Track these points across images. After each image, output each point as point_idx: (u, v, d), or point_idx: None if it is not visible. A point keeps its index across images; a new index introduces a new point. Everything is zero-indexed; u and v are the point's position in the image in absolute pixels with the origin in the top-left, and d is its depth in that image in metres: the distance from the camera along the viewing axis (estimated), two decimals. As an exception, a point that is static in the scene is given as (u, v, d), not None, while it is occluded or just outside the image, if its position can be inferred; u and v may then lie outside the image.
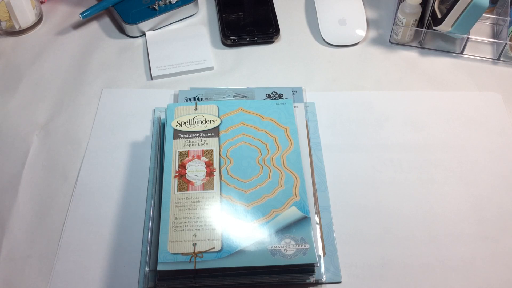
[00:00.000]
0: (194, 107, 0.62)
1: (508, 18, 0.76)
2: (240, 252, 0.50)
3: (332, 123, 0.67)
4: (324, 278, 0.54)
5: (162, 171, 0.56)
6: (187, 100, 0.68)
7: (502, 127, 0.67)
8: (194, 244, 0.50)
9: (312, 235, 0.52)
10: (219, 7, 0.80)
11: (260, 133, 0.60)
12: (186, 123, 0.60)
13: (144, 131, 0.66)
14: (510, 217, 0.59)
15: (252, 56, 0.76)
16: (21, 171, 0.62)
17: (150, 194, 0.60)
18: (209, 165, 0.57)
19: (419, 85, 0.72)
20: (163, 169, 0.57)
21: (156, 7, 0.77)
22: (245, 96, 0.68)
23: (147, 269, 0.54)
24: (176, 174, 0.56)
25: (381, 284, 0.54)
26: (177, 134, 0.59)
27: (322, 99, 0.69)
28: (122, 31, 0.78)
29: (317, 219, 0.58)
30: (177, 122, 0.60)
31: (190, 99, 0.68)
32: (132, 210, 0.59)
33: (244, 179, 0.56)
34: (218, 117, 0.61)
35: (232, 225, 0.52)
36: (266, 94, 0.69)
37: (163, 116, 0.66)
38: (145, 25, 0.77)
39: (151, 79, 0.72)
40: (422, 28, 0.75)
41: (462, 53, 0.76)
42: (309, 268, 0.51)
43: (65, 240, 0.56)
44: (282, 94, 0.69)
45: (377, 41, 0.78)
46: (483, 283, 0.54)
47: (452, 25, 0.70)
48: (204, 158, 0.57)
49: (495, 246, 0.56)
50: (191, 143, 0.58)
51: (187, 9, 0.79)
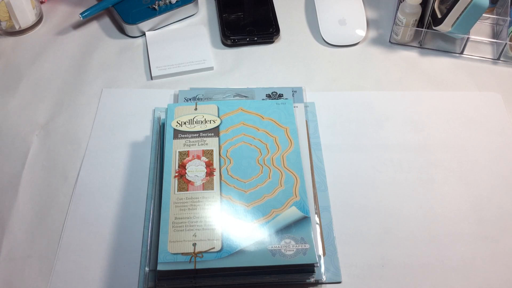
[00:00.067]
0: (194, 107, 0.62)
1: (508, 18, 0.76)
2: (240, 252, 0.50)
3: (332, 123, 0.67)
4: (324, 278, 0.54)
5: (162, 171, 0.56)
6: (187, 100, 0.68)
7: (502, 127, 0.67)
8: (194, 244, 0.50)
9: (312, 235, 0.52)
10: (219, 7, 0.80)
11: (260, 133, 0.60)
12: (186, 123, 0.60)
13: (144, 131, 0.66)
14: (510, 217, 0.59)
15: (252, 56, 0.76)
16: (21, 171, 0.62)
17: (150, 194, 0.60)
18: (209, 165, 0.56)
19: (419, 85, 0.72)
20: (163, 169, 0.56)
21: (156, 7, 0.77)
22: (245, 96, 0.68)
23: (147, 269, 0.54)
24: (176, 174, 0.56)
25: (381, 284, 0.54)
26: (177, 134, 0.59)
27: (322, 99, 0.69)
28: (122, 31, 0.78)
29: (317, 219, 0.58)
30: (177, 122, 0.60)
31: (190, 99, 0.68)
32: (132, 210, 0.59)
33: (244, 179, 0.56)
34: (218, 117, 0.61)
35: (232, 225, 0.52)
36: (266, 94, 0.69)
37: (163, 116, 0.66)
38: (145, 25, 0.77)
39: (151, 79, 0.72)
40: (422, 28, 0.75)
41: (462, 53, 0.76)
42: (309, 268, 0.51)
43: (65, 240, 0.56)
44: (282, 94, 0.69)
45: (377, 41, 0.78)
46: (483, 283, 0.54)
47: (452, 25, 0.70)
48: (204, 158, 0.57)
49: (495, 246, 0.56)
50: (191, 143, 0.58)
51: (187, 9, 0.79)
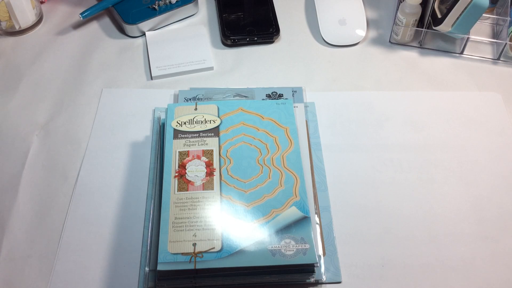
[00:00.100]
0: (194, 107, 0.62)
1: (508, 18, 0.76)
2: (240, 252, 0.50)
3: (332, 123, 0.67)
4: (324, 278, 0.54)
5: (162, 171, 0.56)
6: (187, 100, 0.68)
7: (502, 127, 0.67)
8: (194, 244, 0.50)
9: (312, 235, 0.52)
10: (219, 7, 0.80)
11: (260, 133, 0.60)
12: (186, 123, 0.60)
13: (144, 131, 0.66)
14: (510, 217, 0.59)
15: (252, 56, 0.76)
16: (21, 171, 0.62)
17: (150, 194, 0.60)
18: (209, 165, 0.56)
19: (419, 85, 0.72)
20: (163, 169, 0.56)
21: (156, 7, 0.77)
22: (245, 96, 0.68)
23: (147, 269, 0.54)
24: (176, 174, 0.56)
25: (381, 284, 0.54)
26: (177, 134, 0.59)
27: (322, 99, 0.69)
28: (122, 31, 0.78)
29: (317, 219, 0.58)
30: (177, 122, 0.60)
31: (190, 99, 0.68)
32: (132, 210, 0.59)
33: (244, 179, 0.56)
34: (218, 117, 0.61)
35: (232, 225, 0.52)
36: (266, 94, 0.69)
37: (163, 116, 0.66)
38: (145, 25, 0.77)
39: (151, 79, 0.72)
40: (422, 28, 0.75)
41: (462, 53, 0.76)
42: (309, 268, 0.51)
43: (65, 240, 0.56)
44: (282, 94, 0.69)
45: (377, 41, 0.78)
46: (483, 283, 0.54)
47: (452, 25, 0.70)
48: (204, 158, 0.57)
49: (495, 246, 0.56)
50: (191, 143, 0.58)
51: (187, 9, 0.79)
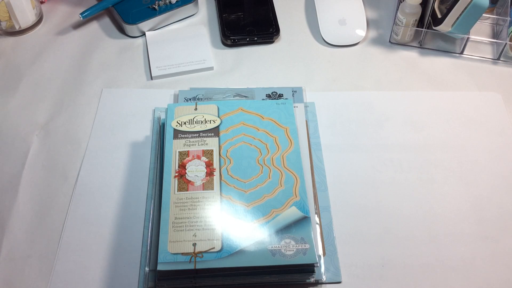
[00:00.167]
0: (194, 107, 0.62)
1: (508, 18, 0.76)
2: (240, 252, 0.50)
3: (332, 123, 0.67)
4: (324, 278, 0.54)
5: (162, 171, 0.56)
6: (187, 100, 0.68)
7: (502, 127, 0.67)
8: (194, 244, 0.50)
9: (312, 235, 0.52)
10: (219, 7, 0.80)
11: (260, 133, 0.60)
12: (186, 123, 0.60)
13: (144, 131, 0.66)
14: (510, 217, 0.59)
15: (252, 56, 0.76)
16: (21, 171, 0.62)
17: (150, 194, 0.60)
18: (209, 165, 0.56)
19: (419, 85, 0.72)
20: (163, 169, 0.56)
21: (156, 7, 0.77)
22: (245, 96, 0.68)
23: (147, 269, 0.54)
24: (176, 174, 0.56)
25: (381, 284, 0.54)
26: (177, 134, 0.59)
27: (322, 99, 0.69)
28: (122, 31, 0.78)
29: (317, 219, 0.58)
30: (177, 122, 0.60)
31: (190, 99, 0.68)
32: (132, 210, 0.59)
33: (244, 179, 0.56)
34: (218, 117, 0.61)
35: (232, 225, 0.52)
36: (266, 94, 0.69)
37: (163, 116, 0.66)
38: (145, 25, 0.77)
39: (151, 79, 0.72)
40: (422, 28, 0.75)
41: (462, 53, 0.76)
42: (309, 268, 0.51)
43: (65, 240, 0.56)
44: (282, 94, 0.69)
45: (377, 41, 0.78)
46: (483, 283, 0.54)
47: (452, 25, 0.70)
48: (204, 158, 0.57)
49: (495, 246, 0.56)
50: (191, 143, 0.58)
51: (187, 9, 0.79)
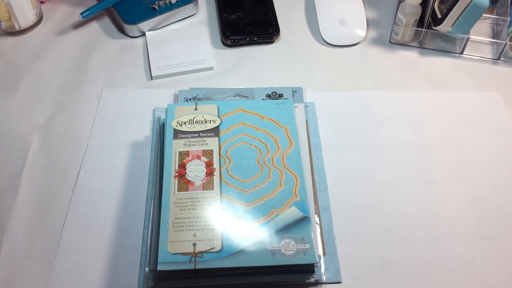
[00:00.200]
0: (194, 107, 0.62)
1: (508, 18, 0.76)
2: (240, 252, 0.50)
3: (332, 123, 0.67)
4: (324, 278, 0.54)
5: (162, 171, 0.56)
6: (187, 100, 0.68)
7: (502, 127, 0.67)
8: (194, 244, 0.50)
9: (312, 235, 0.52)
10: (219, 7, 0.80)
11: (260, 133, 0.60)
12: (186, 123, 0.60)
13: (144, 131, 0.66)
14: (510, 217, 0.59)
15: (252, 56, 0.76)
16: (21, 171, 0.62)
17: (150, 194, 0.60)
18: (209, 165, 0.56)
19: (419, 85, 0.72)
20: (163, 169, 0.56)
21: (156, 7, 0.77)
22: (245, 96, 0.68)
23: (147, 269, 0.54)
24: (176, 174, 0.56)
25: (381, 284, 0.54)
26: (177, 134, 0.59)
27: (322, 99, 0.69)
28: (122, 31, 0.78)
29: (317, 219, 0.58)
30: (177, 122, 0.60)
31: (190, 99, 0.68)
32: (132, 210, 0.59)
33: (244, 179, 0.56)
34: (218, 117, 0.61)
35: (232, 225, 0.52)
36: (266, 94, 0.69)
37: (163, 116, 0.66)
38: (145, 25, 0.77)
39: (151, 79, 0.72)
40: (422, 28, 0.75)
41: (462, 53, 0.76)
42: (309, 268, 0.51)
43: (65, 240, 0.56)
44: (282, 94, 0.69)
45: (377, 41, 0.78)
46: (483, 283, 0.54)
47: (452, 25, 0.70)
48: (204, 158, 0.57)
49: (495, 246, 0.56)
50: (191, 143, 0.58)
51: (187, 9, 0.79)
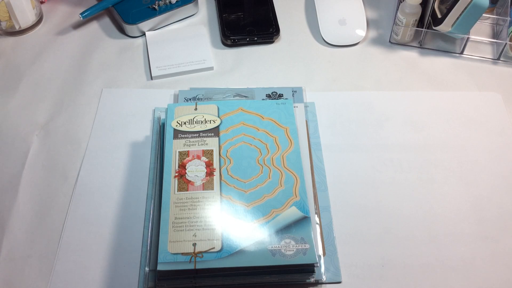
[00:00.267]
0: (194, 107, 0.62)
1: (508, 18, 0.76)
2: (240, 252, 0.50)
3: (332, 123, 0.67)
4: (324, 278, 0.54)
5: (162, 171, 0.56)
6: (187, 100, 0.68)
7: (502, 127, 0.67)
8: (194, 244, 0.50)
9: (312, 235, 0.52)
10: (219, 7, 0.80)
11: (260, 133, 0.60)
12: (186, 123, 0.60)
13: (144, 131, 0.66)
14: (510, 217, 0.59)
15: (252, 56, 0.76)
16: (21, 171, 0.62)
17: (150, 194, 0.60)
18: (209, 165, 0.56)
19: (419, 85, 0.72)
20: (163, 169, 0.56)
21: (156, 7, 0.77)
22: (245, 96, 0.68)
23: (147, 269, 0.54)
24: (176, 174, 0.56)
25: (381, 284, 0.54)
26: (177, 134, 0.59)
27: (322, 99, 0.69)
28: (122, 31, 0.78)
29: (317, 219, 0.58)
30: (177, 122, 0.60)
31: (190, 99, 0.68)
32: (132, 210, 0.59)
33: (244, 179, 0.56)
34: (218, 117, 0.61)
35: (232, 225, 0.52)
36: (266, 94, 0.69)
37: (163, 116, 0.66)
38: (145, 25, 0.77)
39: (151, 79, 0.72)
40: (422, 28, 0.75)
41: (462, 53, 0.76)
42: (309, 268, 0.51)
43: (65, 240, 0.56)
44: (282, 94, 0.69)
45: (377, 41, 0.78)
46: (483, 283, 0.54)
47: (452, 25, 0.70)
48: (204, 158, 0.57)
49: (495, 246, 0.56)
50: (191, 143, 0.58)
51: (187, 9, 0.79)
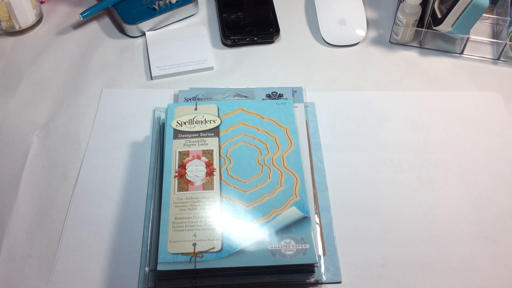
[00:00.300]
0: (194, 107, 0.62)
1: (508, 18, 0.76)
2: (240, 252, 0.50)
3: (332, 123, 0.67)
4: (324, 278, 0.54)
5: (162, 171, 0.56)
6: (187, 100, 0.68)
7: (502, 127, 0.67)
8: (194, 244, 0.50)
9: (312, 235, 0.52)
10: (219, 7, 0.80)
11: (260, 133, 0.60)
12: (186, 123, 0.60)
13: (144, 131, 0.66)
14: (510, 217, 0.59)
15: (252, 56, 0.76)
16: (21, 171, 0.62)
17: (150, 194, 0.60)
18: (209, 165, 0.56)
19: (419, 85, 0.72)
20: (163, 169, 0.56)
21: (156, 7, 0.77)
22: (245, 96, 0.68)
23: (147, 269, 0.54)
24: (176, 174, 0.56)
25: (381, 284, 0.54)
26: (177, 134, 0.59)
27: (322, 99, 0.69)
28: (122, 31, 0.78)
29: (317, 219, 0.58)
30: (177, 122, 0.60)
31: (190, 99, 0.68)
32: (132, 210, 0.59)
33: (244, 179, 0.56)
34: (218, 117, 0.61)
35: (232, 225, 0.52)
36: (266, 94, 0.69)
37: (163, 116, 0.66)
38: (145, 25, 0.77)
39: (151, 79, 0.72)
40: (422, 28, 0.75)
41: (462, 53, 0.76)
42: (309, 268, 0.51)
43: (65, 240, 0.56)
44: (282, 94, 0.69)
45: (377, 41, 0.78)
46: (483, 283, 0.54)
47: (452, 25, 0.70)
48: (204, 158, 0.57)
49: (495, 246, 0.56)
50: (191, 143, 0.58)
51: (187, 9, 0.79)
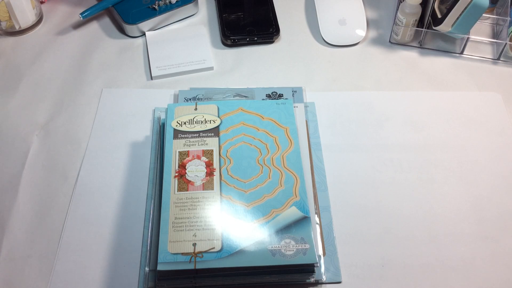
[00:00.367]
0: (194, 107, 0.62)
1: (508, 18, 0.76)
2: (240, 252, 0.50)
3: (332, 123, 0.67)
4: (324, 278, 0.54)
5: (162, 171, 0.56)
6: (187, 100, 0.68)
7: (502, 127, 0.67)
8: (194, 244, 0.50)
9: (312, 235, 0.52)
10: (219, 7, 0.80)
11: (260, 133, 0.60)
12: (186, 123, 0.60)
13: (144, 131, 0.66)
14: (510, 217, 0.59)
15: (252, 56, 0.76)
16: (21, 171, 0.62)
17: (150, 194, 0.60)
18: (209, 165, 0.57)
19: (419, 85, 0.72)
20: (163, 169, 0.57)
21: (156, 7, 0.77)
22: (245, 96, 0.68)
23: (147, 269, 0.54)
24: (176, 174, 0.56)
25: (381, 284, 0.54)
26: (177, 134, 0.59)
27: (322, 99, 0.69)
28: (122, 31, 0.78)
29: (317, 219, 0.58)
30: (177, 122, 0.60)
31: (190, 99, 0.68)
32: (132, 210, 0.59)
33: (244, 179, 0.56)
34: (218, 117, 0.61)
35: (232, 225, 0.52)
36: (266, 94, 0.69)
37: (163, 116, 0.66)
38: (145, 25, 0.77)
39: (151, 79, 0.72)
40: (422, 28, 0.75)
41: (462, 53, 0.76)
42: (309, 268, 0.51)
43: (65, 240, 0.56)
44: (282, 94, 0.69)
45: (377, 41, 0.78)
46: (483, 283, 0.54)
47: (452, 25, 0.70)
48: (204, 158, 0.57)
49: (495, 246, 0.56)
50: (191, 143, 0.58)
51: (187, 9, 0.79)
